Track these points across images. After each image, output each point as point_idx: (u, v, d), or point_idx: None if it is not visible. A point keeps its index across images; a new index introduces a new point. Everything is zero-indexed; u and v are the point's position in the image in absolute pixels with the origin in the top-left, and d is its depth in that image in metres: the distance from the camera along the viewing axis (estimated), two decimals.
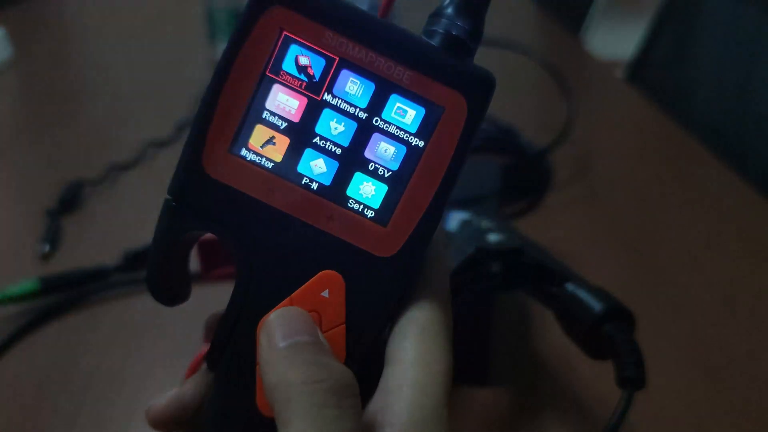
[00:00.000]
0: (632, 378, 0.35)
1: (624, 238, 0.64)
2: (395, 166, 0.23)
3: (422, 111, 0.23)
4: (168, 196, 0.24)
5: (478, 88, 0.23)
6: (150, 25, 1.22)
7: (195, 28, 1.10)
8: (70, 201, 0.65)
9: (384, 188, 0.23)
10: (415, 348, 0.22)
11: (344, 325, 0.23)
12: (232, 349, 0.24)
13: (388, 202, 0.23)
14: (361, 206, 0.23)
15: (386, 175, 0.23)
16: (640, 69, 1.11)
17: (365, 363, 0.24)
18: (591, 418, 0.44)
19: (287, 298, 0.23)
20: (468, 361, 0.46)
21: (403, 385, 0.22)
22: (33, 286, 0.52)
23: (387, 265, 0.23)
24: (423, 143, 0.23)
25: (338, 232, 0.23)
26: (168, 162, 0.32)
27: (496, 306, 0.45)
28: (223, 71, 0.23)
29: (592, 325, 0.38)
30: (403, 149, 0.23)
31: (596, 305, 0.38)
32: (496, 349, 0.46)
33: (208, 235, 0.24)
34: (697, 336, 0.51)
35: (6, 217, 0.65)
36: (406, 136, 0.23)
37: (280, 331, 0.22)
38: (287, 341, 0.22)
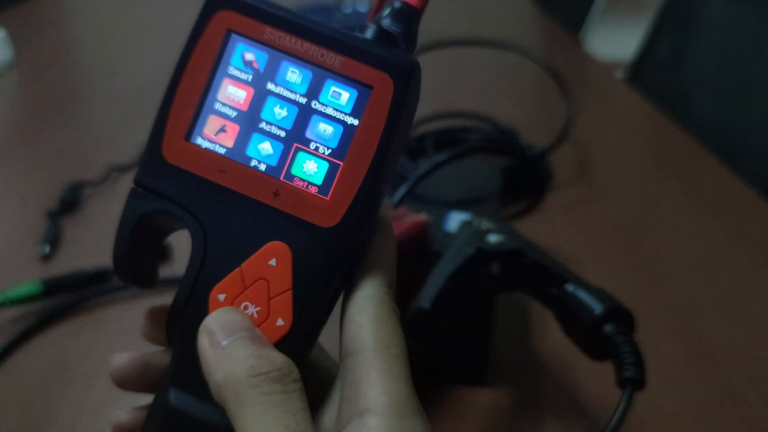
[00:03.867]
0: (632, 378, 0.35)
1: (624, 239, 0.64)
2: (334, 144, 0.25)
3: (354, 93, 0.25)
4: (133, 185, 0.26)
5: (403, 69, 0.25)
6: (149, 25, 1.22)
7: None
8: (70, 202, 0.65)
9: (325, 165, 0.25)
10: (372, 335, 0.24)
11: (291, 291, 0.25)
12: (186, 319, 0.26)
13: (330, 177, 0.25)
14: (305, 183, 0.25)
15: (326, 153, 0.25)
16: (640, 70, 1.11)
17: (315, 330, 0.26)
18: (591, 418, 0.44)
19: (237, 268, 0.25)
20: (468, 361, 0.47)
21: (371, 372, 0.23)
22: (35, 289, 0.52)
23: (330, 234, 0.25)
24: (357, 121, 0.25)
25: (284, 207, 0.25)
26: None
27: (496, 306, 0.45)
28: (179, 69, 0.26)
29: (592, 326, 0.38)
30: (340, 128, 0.25)
31: (596, 306, 0.38)
32: (496, 349, 0.46)
33: None
34: (697, 336, 0.52)
35: (6, 218, 0.66)
36: (342, 116, 0.25)
37: (220, 331, 0.24)
38: (228, 340, 0.24)
